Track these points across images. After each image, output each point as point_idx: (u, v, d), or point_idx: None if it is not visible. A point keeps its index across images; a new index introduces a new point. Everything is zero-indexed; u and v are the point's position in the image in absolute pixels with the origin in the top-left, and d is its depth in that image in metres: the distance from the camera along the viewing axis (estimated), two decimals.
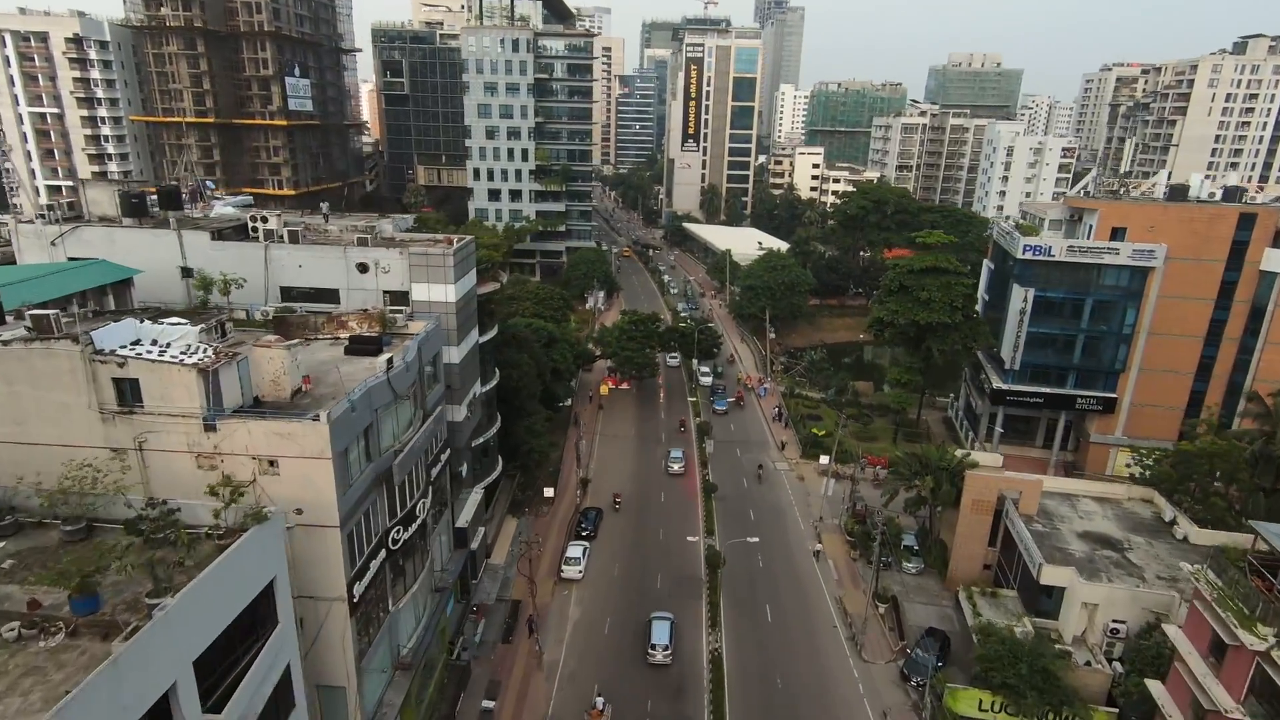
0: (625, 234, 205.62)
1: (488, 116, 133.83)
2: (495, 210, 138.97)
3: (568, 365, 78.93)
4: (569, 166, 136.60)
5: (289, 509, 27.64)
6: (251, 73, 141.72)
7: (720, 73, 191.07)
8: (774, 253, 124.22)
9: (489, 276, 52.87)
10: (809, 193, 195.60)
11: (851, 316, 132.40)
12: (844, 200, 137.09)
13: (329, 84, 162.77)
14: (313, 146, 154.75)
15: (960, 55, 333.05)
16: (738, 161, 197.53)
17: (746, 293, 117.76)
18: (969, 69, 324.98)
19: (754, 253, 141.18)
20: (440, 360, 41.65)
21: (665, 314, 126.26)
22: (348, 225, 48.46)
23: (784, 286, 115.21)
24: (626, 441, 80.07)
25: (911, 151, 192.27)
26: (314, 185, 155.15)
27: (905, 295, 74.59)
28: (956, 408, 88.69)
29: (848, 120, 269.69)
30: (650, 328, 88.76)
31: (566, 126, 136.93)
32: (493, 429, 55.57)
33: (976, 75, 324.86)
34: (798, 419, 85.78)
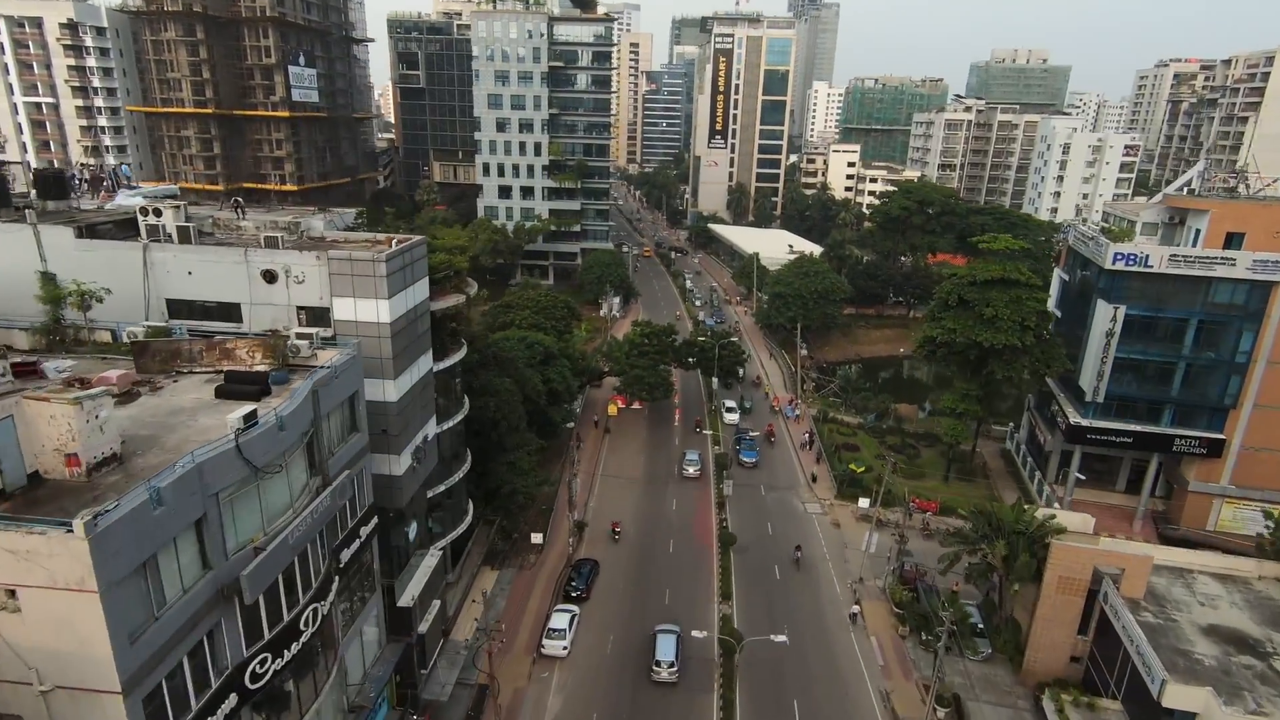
0: (649, 235, 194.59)
1: (498, 108, 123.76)
2: (506, 208, 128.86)
3: (567, 386, 68.20)
4: (584, 162, 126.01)
5: (31, 667, 17.17)
6: (254, 61, 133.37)
7: (750, 65, 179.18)
8: (806, 257, 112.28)
9: (451, 287, 42.26)
10: (843, 193, 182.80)
11: (891, 327, 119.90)
12: (883, 200, 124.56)
13: (338, 75, 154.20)
14: (319, 140, 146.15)
15: (1004, 51, 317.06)
16: (768, 159, 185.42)
17: (775, 301, 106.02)
18: (1013, 65, 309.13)
19: (783, 257, 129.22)
20: (360, 402, 31.01)
21: (686, 321, 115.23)
22: (268, 221, 38.05)
23: (816, 295, 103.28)
24: (633, 480, 69.00)
25: (955, 149, 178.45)
26: (320, 181, 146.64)
27: (965, 311, 62.49)
28: (1017, 439, 76.16)
29: (884, 118, 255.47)
30: (664, 341, 77.61)
31: (583, 119, 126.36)
32: (458, 473, 44.93)
33: (1021, 72, 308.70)
34: (831, 449, 74.02)
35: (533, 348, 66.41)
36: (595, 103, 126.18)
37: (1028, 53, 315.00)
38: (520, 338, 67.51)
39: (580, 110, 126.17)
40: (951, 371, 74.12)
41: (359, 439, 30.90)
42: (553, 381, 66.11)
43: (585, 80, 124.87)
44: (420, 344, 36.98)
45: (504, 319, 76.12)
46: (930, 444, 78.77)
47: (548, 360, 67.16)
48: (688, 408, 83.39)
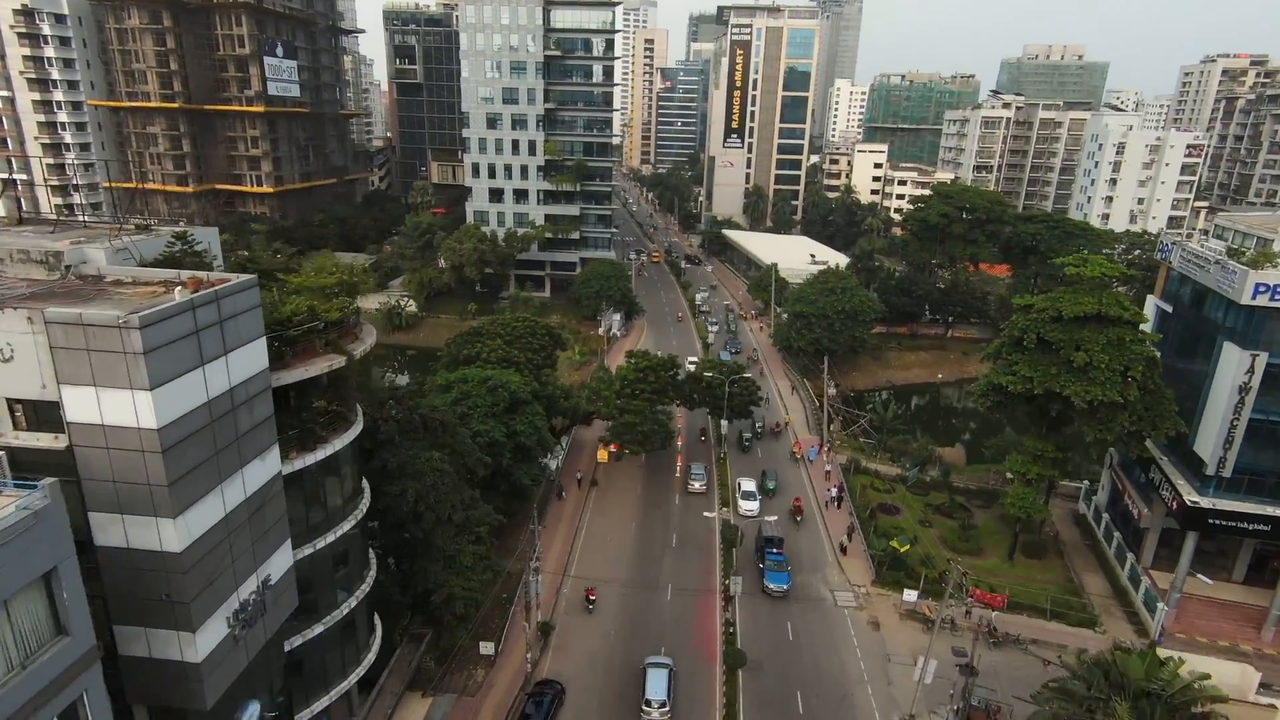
0: (660, 240, 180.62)
1: (488, 101, 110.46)
2: (497, 213, 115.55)
3: (540, 438, 54.57)
4: (584, 162, 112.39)
5: None
6: (227, 52, 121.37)
7: (770, 58, 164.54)
8: (831, 270, 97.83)
9: (325, 346, 28.66)
10: (869, 196, 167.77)
11: (927, 350, 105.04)
12: (918, 206, 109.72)
13: (324, 68, 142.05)
14: (300, 138, 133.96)
15: (1037, 47, 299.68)
16: (787, 160, 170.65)
17: (796, 322, 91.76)
18: (1046, 62, 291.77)
19: (805, 268, 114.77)
20: (67, 581, 17.52)
21: (694, 338, 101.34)
22: (19, 249, 24.48)
23: (843, 315, 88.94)
24: (619, 553, 55.20)
25: (992, 149, 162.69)
26: (302, 182, 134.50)
27: (1045, 354, 48.02)
28: (1095, 501, 61.40)
29: (912, 116, 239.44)
30: (663, 377, 63.75)
31: (583, 114, 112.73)
32: (343, 607, 31.25)
33: (1056, 68, 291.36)
34: (865, 513, 59.85)
35: (496, 392, 52.85)
36: (597, 96, 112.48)
37: (1062, 48, 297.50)
38: (482, 379, 53.96)
39: (580, 105, 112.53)
40: (1020, 425, 59.57)
41: (63, 649, 17.35)
42: (520, 434, 52.56)
43: (585, 71, 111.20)
44: (251, 444, 23.48)
45: (469, 351, 62.60)
46: (985, 502, 64.36)
47: (515, 407, 53.60)
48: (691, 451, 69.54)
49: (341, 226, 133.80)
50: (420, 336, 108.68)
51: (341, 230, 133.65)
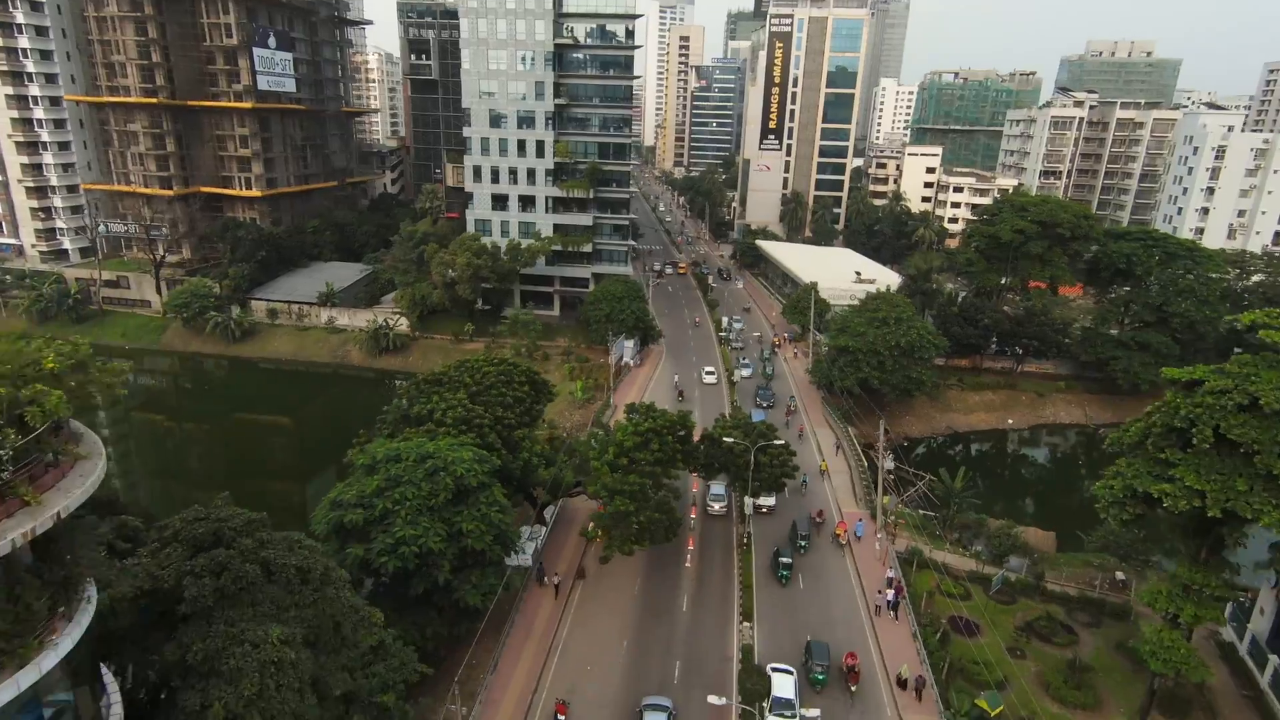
0: (688, 250, 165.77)
1: (491, 96, 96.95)
2: (501, 222, 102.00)
3: (496, 537, 40.36)
4: (598, 165, 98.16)
5: None
6: (214, 42, 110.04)
7: (812, 52, 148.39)
8: (881, 295, 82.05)
9: None
10: (920, 204, 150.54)
11: (994, 388, 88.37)
12: (986, 218, 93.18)
13: (326, 61, 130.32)
14: (297, 137, 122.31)
15: (1101, 43, 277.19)
16: (830, 164, 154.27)
17: (840, 357, 76.26)
18: (1112, 59, 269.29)
19: (850, 287, 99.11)
20: None
21: (719, 369, 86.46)
22: None
23: (898, 350, 73.26)
24: (602, 701, 40.69)
25: (1062, 153, 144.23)
26: (298, 185, 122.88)
27: (1226, 457, 32.17)
28: (1249, 632, 44.98)
29: (965, 116, 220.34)
30: (669, 443, 49.08)
31: (598, 111, 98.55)
32: None
33: (1122, 66, 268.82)
34: (934, 636, 44.49)
35: (436, 477, 38.76)
36: (614, 91, 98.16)
37: (1130, 44, 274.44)
38: (420, 458, 39.90)
39: (596, 100, 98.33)
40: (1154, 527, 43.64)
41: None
42: (468, 536, 38.49)
43: (602, 63, 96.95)
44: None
45: (421, 408, 48.65)
46: (1092, 617, 48.54)
47: (463, 496, 39.53)
48: (709, 542, 54.77)
49: (340, 234, 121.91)
50: (410, 360, 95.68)
51: (340, 237, 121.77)
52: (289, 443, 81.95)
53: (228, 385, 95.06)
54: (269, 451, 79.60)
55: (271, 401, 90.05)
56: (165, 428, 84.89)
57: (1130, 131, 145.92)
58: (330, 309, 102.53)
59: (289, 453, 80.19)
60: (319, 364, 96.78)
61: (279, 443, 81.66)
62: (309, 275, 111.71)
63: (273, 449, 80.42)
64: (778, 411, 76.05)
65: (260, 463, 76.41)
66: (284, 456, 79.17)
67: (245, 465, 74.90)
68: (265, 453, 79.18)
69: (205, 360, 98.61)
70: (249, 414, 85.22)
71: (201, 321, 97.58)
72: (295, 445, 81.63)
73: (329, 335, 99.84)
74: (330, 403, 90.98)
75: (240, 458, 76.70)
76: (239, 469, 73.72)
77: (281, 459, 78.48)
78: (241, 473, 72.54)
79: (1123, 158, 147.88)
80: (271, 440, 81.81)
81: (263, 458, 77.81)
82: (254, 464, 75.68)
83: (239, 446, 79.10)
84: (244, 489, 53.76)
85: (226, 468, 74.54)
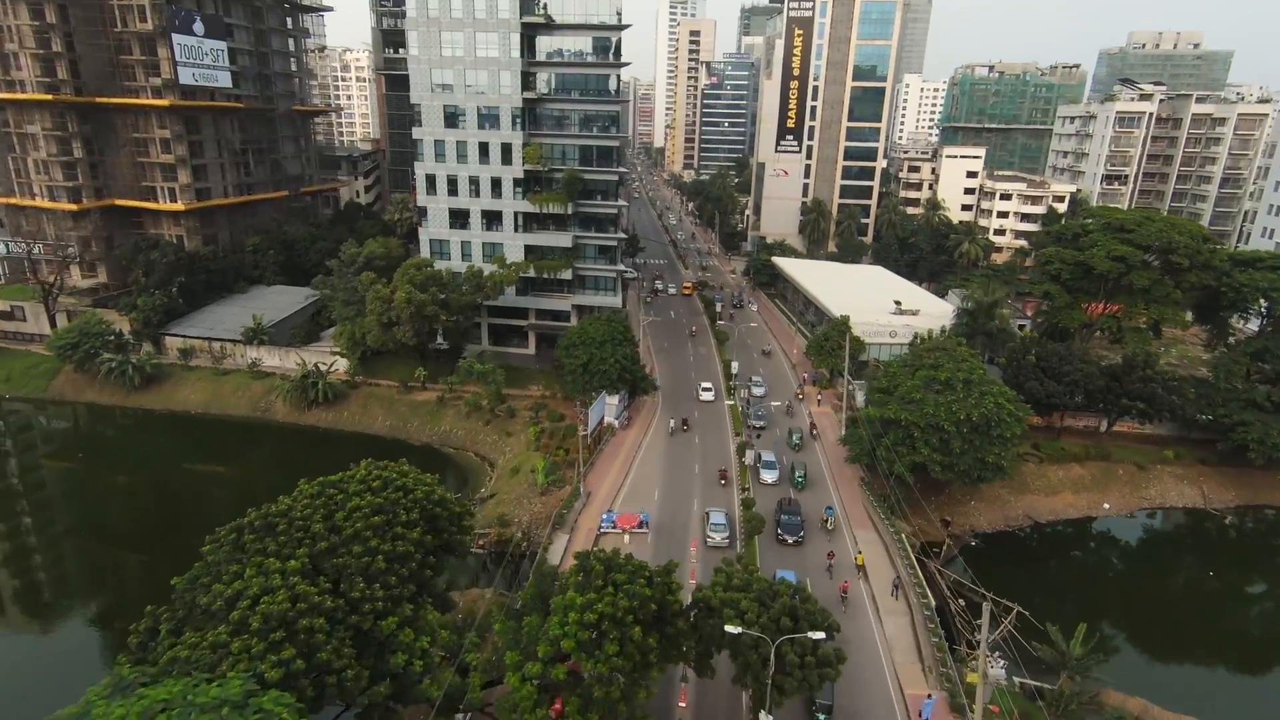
0: (695, 263, 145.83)
1: (446, 89, 77.74)
2: (461, 243, 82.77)
3: None
4: (578, 174, 78.59)
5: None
6: (128, 28, 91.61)
7: (837, 40, 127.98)
8: (939, 344, 61.85)
9: None
10: (960, 213, 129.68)
11: (1082, 460, 67.79)
12: (1065, 235, 72.75)
13: (275, 53, 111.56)
14: (235, 140, 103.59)
15: (1145, 35, 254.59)
16: (857, 168, 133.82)
17: (889, 431, 56.18)
18: (1156, 51, 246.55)
19: (888, 320, 79.33)
20: None
21: (718, 385, 66.87)
22: None
23: (969, 426, 53.17)
24: None
25: (1128, 154, 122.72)
26: (237, 195, 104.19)
27: None
28: None
29: (1001, 114, 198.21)
30: (636, 635, 29.30)
31: (578, 107, 78.92)
32: None
33: (1168, 59, 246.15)
34: None
35: None
36: (598, 82, 78.49)
37: (1175, 35, 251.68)
38: None
39: (575, 93, 78.73)
40: None
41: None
42: None
43: (582, 47, 77.35)
44: None
45: (219, 594, 29.04)
46: None
47: None
48: None
49: (288, 252, 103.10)
50: (346, 415, 76.64)
51: (288, 256, 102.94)
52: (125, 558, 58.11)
53: (106, 446, 75.45)
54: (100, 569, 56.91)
55: (145, 481, 67.57)
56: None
57: (1208, 129, 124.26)
58: (257, 347, 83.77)
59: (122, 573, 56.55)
60: (235, 418, 77.82)
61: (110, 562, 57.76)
62: (243, 304, 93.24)
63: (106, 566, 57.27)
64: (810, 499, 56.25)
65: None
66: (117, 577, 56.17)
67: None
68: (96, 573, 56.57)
69: (101, 412, 79.88)
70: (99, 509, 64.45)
71: (95, 365, 79.06)
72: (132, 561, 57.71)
73: (252, 381, 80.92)
74: (225, 482, 68.03)
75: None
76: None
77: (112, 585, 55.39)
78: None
79: (1198, 159, 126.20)
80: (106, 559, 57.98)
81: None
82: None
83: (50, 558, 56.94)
84: None
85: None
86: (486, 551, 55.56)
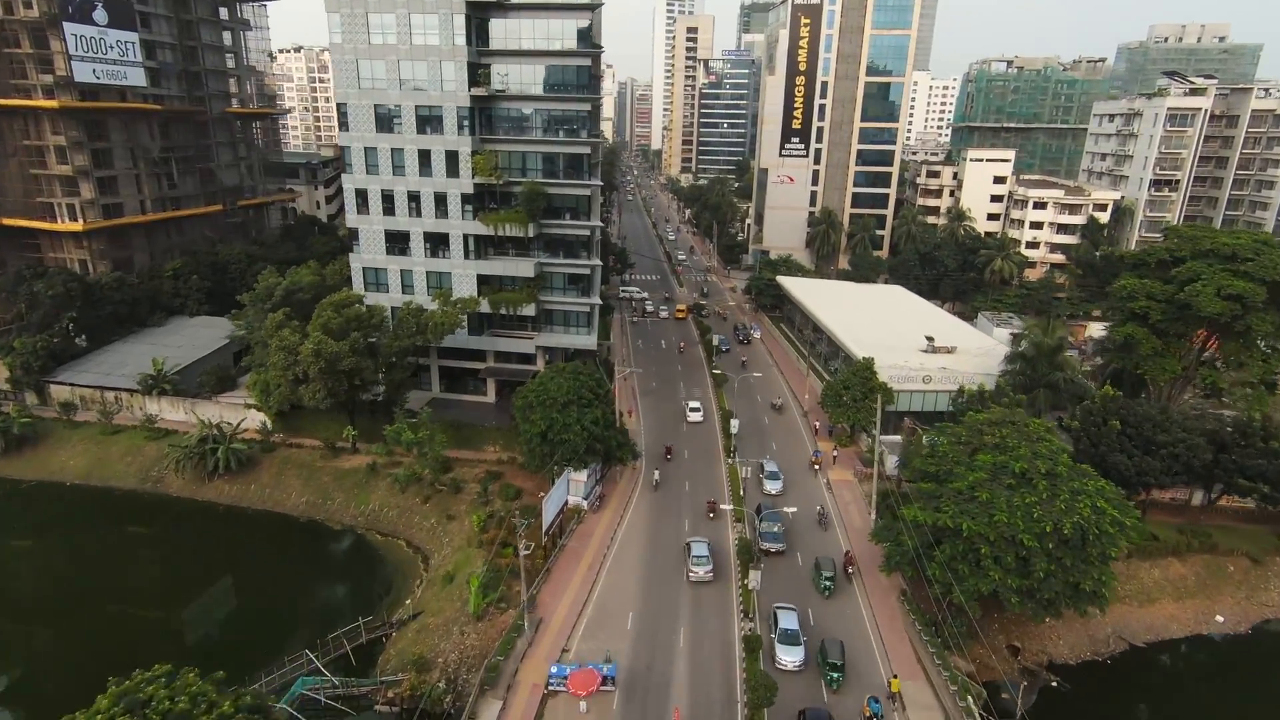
0: (692, 279, 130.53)
1: (376, 86, 62.47)
2: (401, 272, 67.45)
3: None
4: (540, 187, 63.17)
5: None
6: (11, 15, 76.70)
7: (849, 30, 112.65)
8: (1007, 417, 46.32)
9: None
10: (986, 223, 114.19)
11: (1183, 554, 52.22)
12: (1156, 268, 57.38)
13: (207, 48, 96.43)
14: (153, 148, 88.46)
15: (1167, 28, 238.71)
16: (871, 173, 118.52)
17: (946, 542, 40.85)
18: (1179, 45, 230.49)
19: (920, 362, 64.16)
20: None
21: (707, 406, 51.68)
22: None
23: (1054, 538, 37.87)
24: None
25: (1180, 156, 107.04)
26: (156, 211, 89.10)
27: None
28: None
29: (1021, 113, 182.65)
30: None
31: (539, 106, 63.51)
32: None
33: (1191, 53, 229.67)
34: None
35: None
36: (566, 74, 63.04)
37: (1199, 28, 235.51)
38: None
39: (537, 90, 63.33)
40: None
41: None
42: None
43: (544, 31, 61.89)
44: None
45: None
46: None
47: None
48: None
49: (218, 276, 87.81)
50: (254, 488, 61.34)
51: (220, 281, 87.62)
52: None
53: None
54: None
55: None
56: None
57: (1269, 126, 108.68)
58: (157, 398, 68.58)
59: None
60: (120, 491, 62.54)
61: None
62: (158, 340, 78.29)
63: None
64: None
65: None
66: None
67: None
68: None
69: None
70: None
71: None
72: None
73: (146, 443, 65.64)
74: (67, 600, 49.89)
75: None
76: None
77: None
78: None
79: (1257, 161, 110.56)
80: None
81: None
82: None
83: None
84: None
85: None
86: (396, 708, 40.30)
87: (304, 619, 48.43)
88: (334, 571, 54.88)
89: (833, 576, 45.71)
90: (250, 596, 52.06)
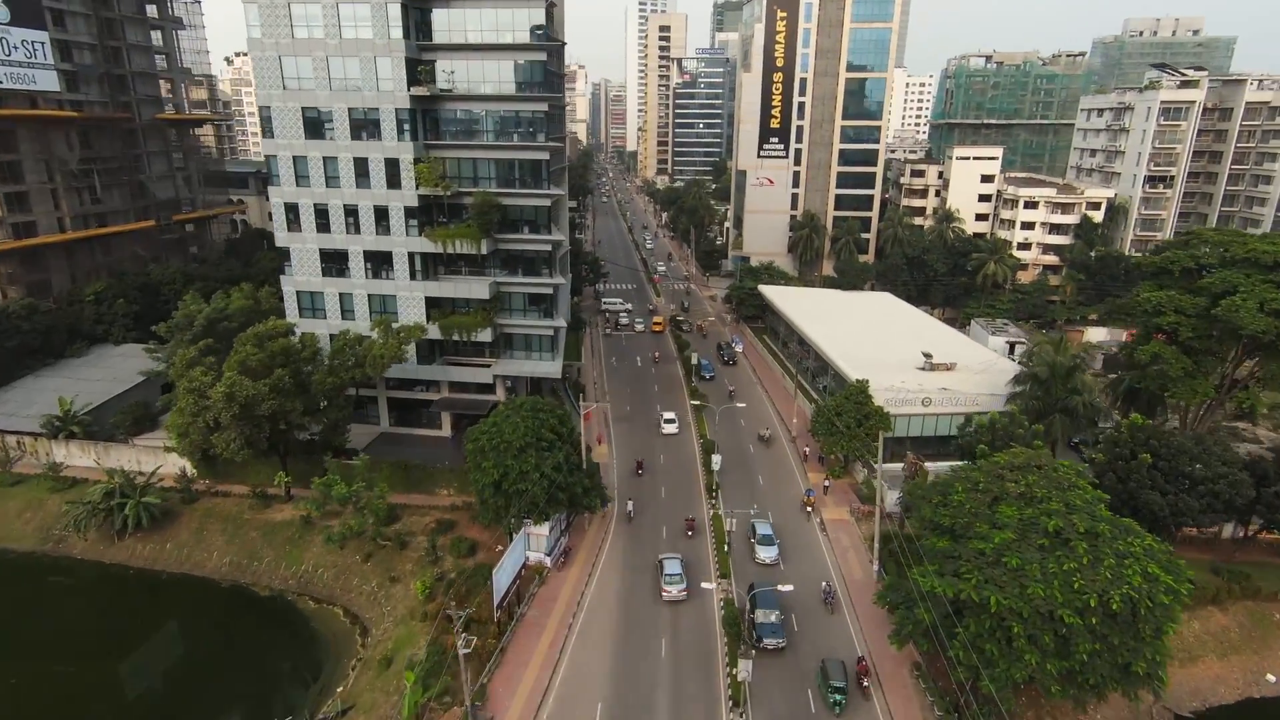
0: (669, 287, 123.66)
1: (303, 86, 54.80)
2: (339, 295, 59.79)
3: None
4: (492, 198, 55.92)
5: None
6: None
7: (827, 23, 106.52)
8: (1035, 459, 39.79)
9: None
10: (974, 223, 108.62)
11: (1223, 602, 46.09)
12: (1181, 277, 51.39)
13: (134, 49, 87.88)
14: (71, 159, 79.73)
15: (1141, 22, 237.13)
16: (854, 174, 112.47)
17: (966, 616, 34.22)
18: (1154, 39, 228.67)
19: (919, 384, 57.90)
20: None
21: (699, 501, 45.07)
22: None
23: (1099, 612, 31.35)
24: None
25: (1174, 151, 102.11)
26: (78, 229, 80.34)
27: None
28: None
29: (1001, 109, 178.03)
30: None
31: (493, 109, 56.19)
32: None
33: (1166, 46, 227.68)
34: None
35: None
36: (519, 73, 55.72)
37: (1174, 22, 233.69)
38: None
39: (487, 90, 56.00)
40: None
41: None
42: None
43: (494, 21, 54.58)
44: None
45: None
46: None
47: None
48: None
49: (149, 299, 79.17)
50: (172, 547, 53.37)
51: (150, 304, 78.94)
52: None
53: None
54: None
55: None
56: None
57: (1264, 119, 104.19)
58: (65, 442, 60.27)
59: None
60: (16, 553, 54.31)
61: None
62: (75, 373, 69.94)
63: None
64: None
65: None
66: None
67: None
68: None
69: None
70: None
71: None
72: None
73: (48, 495, 57.37)
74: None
75: None
76: None
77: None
78: None
79: (1252, 155, 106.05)
80: None
81: None
82: None
83: None
84: None
85: None
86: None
87: (216, 710, 40.81)
88: (257, 649, 47.04)
89: (844, 688, 36.96)
90: (155, 681, 44.25)
